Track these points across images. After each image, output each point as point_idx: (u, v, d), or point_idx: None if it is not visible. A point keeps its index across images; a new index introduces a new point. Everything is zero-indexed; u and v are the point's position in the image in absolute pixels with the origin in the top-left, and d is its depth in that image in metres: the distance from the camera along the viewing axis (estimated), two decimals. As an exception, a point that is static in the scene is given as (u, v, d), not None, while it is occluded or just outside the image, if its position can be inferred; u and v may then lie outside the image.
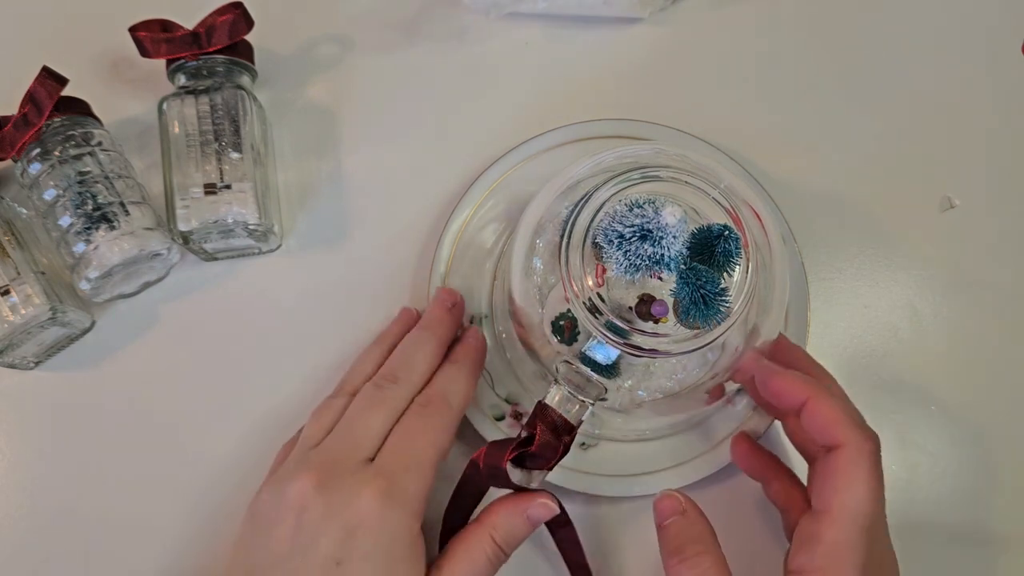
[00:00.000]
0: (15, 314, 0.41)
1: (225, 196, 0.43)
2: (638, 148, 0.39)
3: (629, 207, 0.34)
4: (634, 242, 0.34)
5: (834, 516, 0.34)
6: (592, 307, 0.35)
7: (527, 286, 0.38)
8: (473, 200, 0.46)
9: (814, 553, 0.34)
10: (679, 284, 0.34)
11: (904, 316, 0.48)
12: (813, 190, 0.49)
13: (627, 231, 0.34)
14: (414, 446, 0.38)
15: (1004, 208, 0.50)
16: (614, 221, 0.35)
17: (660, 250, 0.34)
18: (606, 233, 0.35)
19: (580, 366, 0.37)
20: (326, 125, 0.49)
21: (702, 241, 0.35)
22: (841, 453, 0.34)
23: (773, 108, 0.51)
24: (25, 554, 0.43)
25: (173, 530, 0.44)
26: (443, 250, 0.45)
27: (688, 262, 0.35)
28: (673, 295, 0.35)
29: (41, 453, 0.44)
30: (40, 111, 0.42)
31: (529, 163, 0.47)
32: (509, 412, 0.44)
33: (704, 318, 0.34)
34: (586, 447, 0.44)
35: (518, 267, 0.38)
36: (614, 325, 0.35)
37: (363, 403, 0.39)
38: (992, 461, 0.46)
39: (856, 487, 0.34)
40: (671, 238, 0.34)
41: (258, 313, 0.46)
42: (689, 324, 0.35)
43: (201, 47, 0.44)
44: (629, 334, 0.35)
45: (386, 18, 0.51)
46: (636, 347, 0.35)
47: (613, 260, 0.34)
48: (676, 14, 0.52)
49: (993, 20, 0.53)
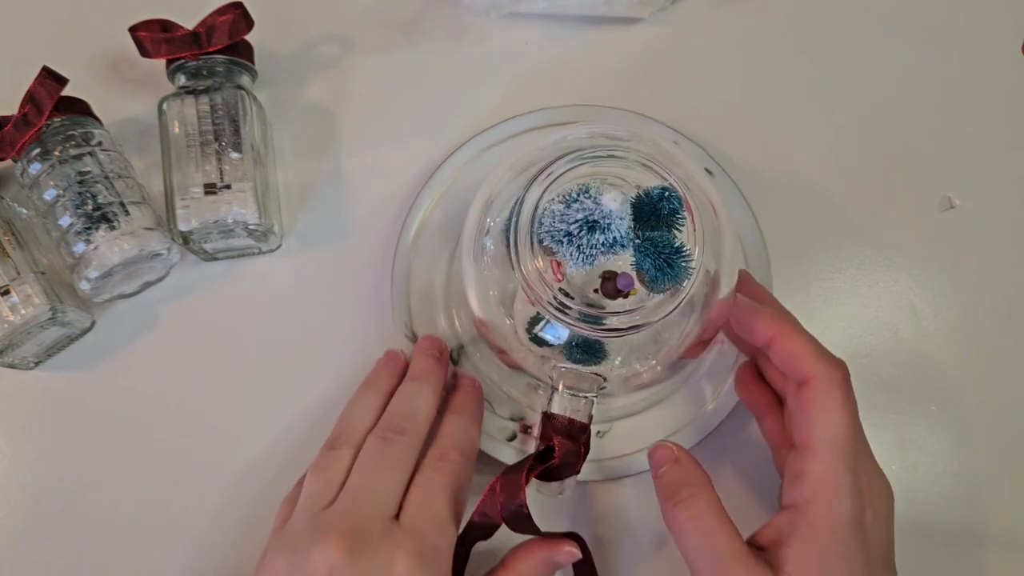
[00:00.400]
0: (15, 314, 0.41)
1: (225, 196, 0.43)
2: (555, 135, 0.39)
3: (566, 203, 0.34)
4: (583, 236, 0.34)
5: (815, 449, 0.35)
6: (560, 305, 0.35)
7: (484, 295, 0.38)
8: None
9: (803, 487, 0.35)
10: (639, 257, 0.35)
11: (904, 316, 0.48)
12: (813, 190, 0.49)
13: (573, 227, 0.34)
14: (436, 502, 0.37)
15: (1004, 208, 0.50)
16: (556, 221, 0.34)
17: (611, 234, 0.34)
18: (552, 235, 0.34)
19: (571, 365, 0.37)
20: (326, 125, 0.49)
21: (647, 207, 0.35)
22: (812, 386, 0.36)
23: (773, 109, 0.51)
24: (25, 554, 0.43)
25: (173, 529, 0.44)
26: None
27: (640, 234, 0.35)
28: (635, 268, 0.35)
29: (41, 453, 0.44)
30: (40, 111, 0.42)
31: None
32: (518, 428, 0.44)
33: (673, 279, 0.35)
34: (602, 435, 0.44)
35: (468, 265, 0.38)
36: (587, 315, 0.35)
37: (375, 459, 0.38)
38: (992, 461, 0.46)
39: (831, 417, 0.35)
40: (618, 220, 0.34)
41: (258, 313, 0.46)
42: (660, 289, 0.35)
43: (201, 47, 0.44)
44: (603, 319, 0.35)
45: (386, 18, 0.51)
46: (615, 330, 0.35)
47: (568, 258, 0.34)
48: (676, 14, 0.52)
49: (993, 20, 0.53)
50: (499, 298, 0.38)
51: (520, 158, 0.38)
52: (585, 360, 0.38)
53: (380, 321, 0.46)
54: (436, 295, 0.45)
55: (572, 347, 0.38)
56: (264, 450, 0.44)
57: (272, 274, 0.47)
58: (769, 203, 0.48)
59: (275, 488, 0.44)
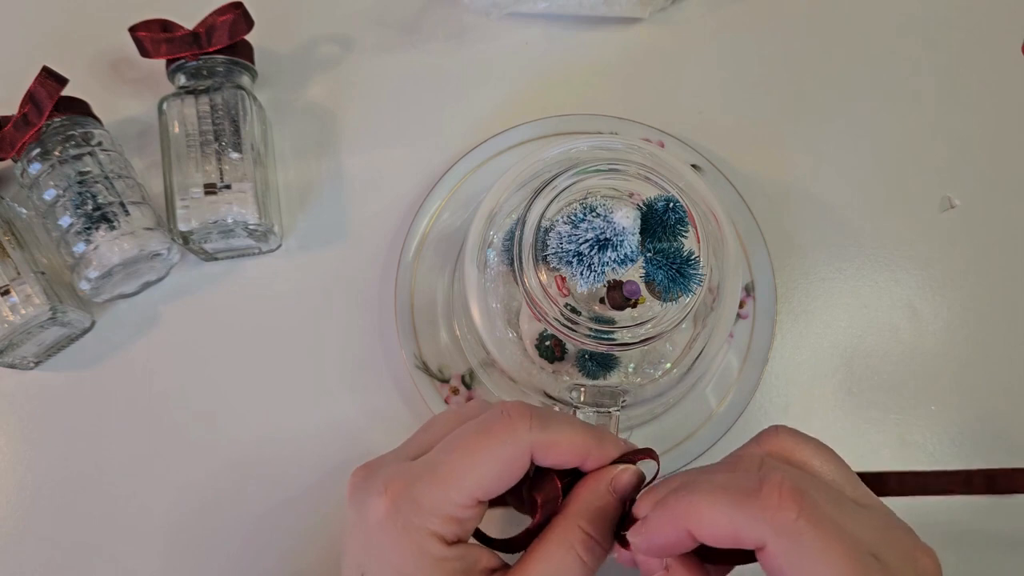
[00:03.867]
0: (15, 314, 0.41)
1: (225, 196, 0.43)
2: (556, 148, 0.38)
3: (572, 223, 0.34)
4: (594, 255, 0.34)
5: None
6: (568, 321, 0.35)
7: (487, 308, 0.38)
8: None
9: None
10: (651, 270, 0.35)
11: (904, 316, 0.48)
12: (813, 190, 0.49)
13: (583, 247, 0.34)
14: (450, 457, 0.31)
15: (1004, 208, 0.50)
16: (563, 242, 0.34)
17: (623, 251, 0.34)
18: (559, 256, 0.34)
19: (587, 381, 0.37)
20: (326, 125, 0.49)
21: (653, 218, 0.35)
22: (770, 554, 0.26)
23: (773, 109, 0.51)
24: (26, 554, 0.43)
25: (173, 529, 0.44)
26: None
27: (650, 246, 0.35)
28: (645, 280, 0.35)
29: (41, 453, 0.44)
30: (40, 111, 0.42)
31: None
32: None
33: (685, 287, 0.35)
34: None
35: (472, 277, 0.37)
36: (597, 332, 0.35)
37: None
38: (992, 461, 0.46)
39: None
40: (630, 236, 0.34)
41: (258, 313, 0.46)
42: (673, 298, 0.35)
43: (201, 47, 0.44)
44: (613, 333, 0.35)
45: (386, 18, 0.51)
46: (624, 344, 0.35)
47: (579, 277, 0.34)
48: (676, 14, 0.52)
49: (993, 20, 0.53)
50: (504, 315, 0.38)
51: (522, 171, 0.38)
52: (598, 372, 0.38)
53: (379, 321, 0.46)
54: (438, 310, 0.45)
55: (584, 359, 0.38)
56: (264, 450, 0.44)
57: (272, 274, 0.47)
58: (769, 203, 0.48)
59: (275, 488, 0.44)
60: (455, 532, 0.30)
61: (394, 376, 0.46)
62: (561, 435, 0.31)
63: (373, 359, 0.46)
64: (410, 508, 0.30)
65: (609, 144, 0.38)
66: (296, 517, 0.44)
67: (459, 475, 0.30)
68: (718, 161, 0.47)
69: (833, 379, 0.47)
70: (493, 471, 0.30)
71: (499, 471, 0.30)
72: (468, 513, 0.31)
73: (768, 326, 0.45)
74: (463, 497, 0.30)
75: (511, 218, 0.38)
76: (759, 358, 0.45)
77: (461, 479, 0.30)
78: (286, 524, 0.44)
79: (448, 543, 0.30)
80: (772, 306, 0.46)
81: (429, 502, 0.30)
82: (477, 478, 0.30)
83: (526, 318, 0.38)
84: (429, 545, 0.30)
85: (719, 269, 0.37)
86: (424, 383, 0.44)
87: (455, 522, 0.30)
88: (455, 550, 0.31)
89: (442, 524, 0.30)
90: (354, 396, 0.45)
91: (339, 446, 0.45)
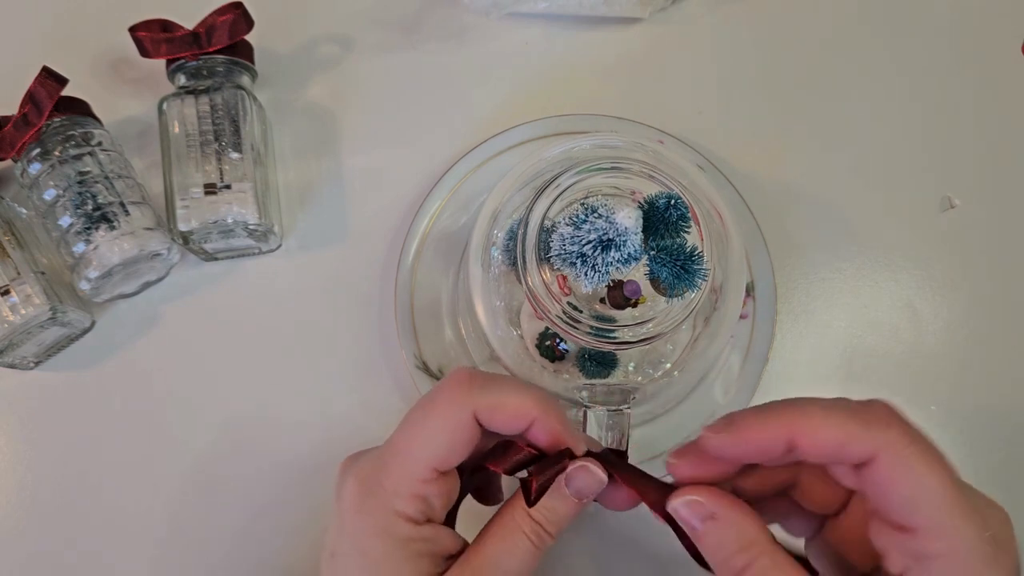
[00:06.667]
0: (15, 314, 0.41)
1: (225, 196, 0.43)
2: (558, 147, 0.38)
3: (574, 225, 0.34)
4: (598, 255, 0.34)
5: (929, 529, 0.29)
6: (570, 319, 0.35)
7: (491, 306, 0.38)
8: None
9: (935, 569, 0.28)
10: (655, 267, 0.35)
11: (904, 316, 0.48)
12: (813, 190, 0.49)
13: (586, 248, 0.34)
14: (403, 433, 0.32)
15: (1004, 208, 0.50)
16: (566, 244, 0.34)
17: (626, 251, 0.34)
18: (563, 258, 0.34)
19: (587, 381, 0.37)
20: (326, 125, 0.49)
21: (655, 215, 0.35)
22: (882, 462, 0.29)
23: (773, 108, 0.51)
24: (26, 553, 0.43)
25: (173, 528, 0.44)
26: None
27: (653, 244, 0.35)
28: (650, 277, 0.35)
29: (41, 452, 0.44)
30: (40, 111, 0.42)
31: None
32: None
33: (690, 283, 0.35)
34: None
35: (476, 276, 0.37)
36: (598, 330, 0.35)
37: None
38: (992, 461, 0.46)
39: (925, 483, 0.29)
40: (632, 235, 0.34)
41: (258, 313, 0.46)
42: (679, 295, 0.35)
43: (201, 47, 0.44)
44: (614, 332, 0.35)
45: (386, 18, 0.51)
46: (625, 343, 0.35)
47: (583, 278, 0.34)
48: (676, 14, 0.52)
49: (993, 20, 0.53)
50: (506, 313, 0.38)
51: (525, 170, 0.38)
52: (598, 371, 0.38)
53: (379, 321, 0.46)
54: (443, 309, 0.45)
55: (584, 359, 0.38)
56: (263, 449, 0.44)
57: (272, 274, 0.47)
58: (769, 203, 0.48)
59: (275, 487, 0.44)
60: (421, 510, 0.31)
61: (394, 376, 0.46)
62: (503, 397, 0.31)
63: (373, 359, 0.46)
64: (377, 490, 0.31)
65: (611, 142, 0.38)
66: (296, 517, 0.44)
67: (412, 448, 0.31)
68: (718, 161, 0.47)
69: (833, 379, 0.47)
70: (442, 439, 0.31)
71: (448, 439, 0.31)
72: (431, 489, 0.31)
73: (768, 326, 0.45)
74: (419, 469, 0.31)
75: (513, 217, 0.38)
76: (759, 358, 0.45)
77: (415, 452, 0.31)
78: (286, 524, 0.44)
79: (417, 523, 0.31)
80: (772, 306, 0.46)
81: (391, 482, 0.31)
82: (429, 448, 0.31)
83: (527, 316, 0.38)
84: (395, 526, 0.31)
85: (723, 268, 0.37)
86: (424, 383, 0.44)
87: (419, 499, 0.31)
88: (423, 530, 0.31)
89: (406, 503, 0.31)
90: (354, 396, 0.45)
91: (339, 446, 0.45)
